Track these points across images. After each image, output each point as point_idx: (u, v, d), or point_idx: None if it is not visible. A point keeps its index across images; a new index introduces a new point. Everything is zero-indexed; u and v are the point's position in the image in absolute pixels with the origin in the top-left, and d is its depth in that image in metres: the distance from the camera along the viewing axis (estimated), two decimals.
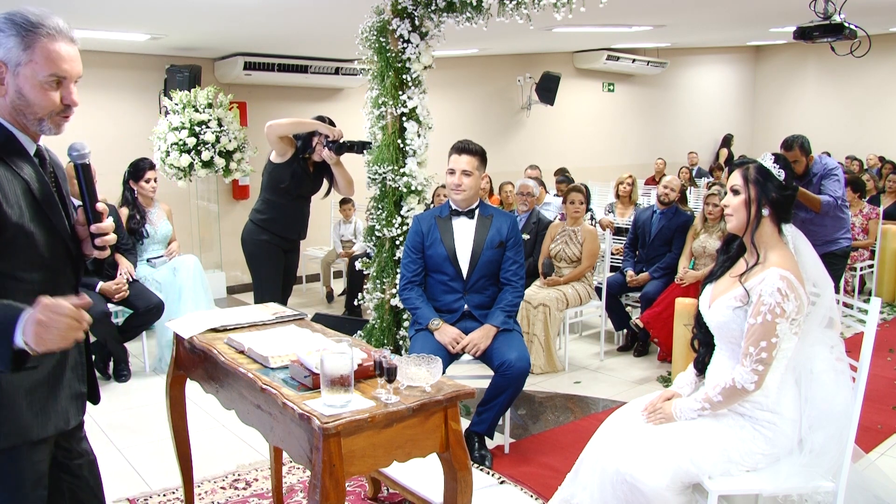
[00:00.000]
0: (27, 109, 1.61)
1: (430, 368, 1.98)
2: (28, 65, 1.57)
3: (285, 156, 4.16)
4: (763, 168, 2.31)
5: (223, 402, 2.35)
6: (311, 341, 2.28)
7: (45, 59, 1.58)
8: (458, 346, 3.33)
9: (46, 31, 1.58)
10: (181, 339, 2.54)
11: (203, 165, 6.02)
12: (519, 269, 3.49)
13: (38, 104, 1.60)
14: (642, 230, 5.32)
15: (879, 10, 7.46)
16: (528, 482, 3.22)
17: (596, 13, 5.04)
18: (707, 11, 7.22)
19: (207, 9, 5.08)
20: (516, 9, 3.71)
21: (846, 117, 11.89)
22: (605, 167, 10.61)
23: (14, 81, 1.58)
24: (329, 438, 1.74)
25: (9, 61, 1.57)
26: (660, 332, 4.83)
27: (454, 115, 8.99)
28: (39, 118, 1.62)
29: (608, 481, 2.27)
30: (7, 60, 1.57)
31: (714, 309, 2.34)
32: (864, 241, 6.48)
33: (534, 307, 4.79)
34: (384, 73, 4.11)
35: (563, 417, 4.09)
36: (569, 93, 10.41)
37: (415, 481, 2.72)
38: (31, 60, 1.57)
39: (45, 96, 1.60)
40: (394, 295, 4.15)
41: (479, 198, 3.57)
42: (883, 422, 3.83)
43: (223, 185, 7.37)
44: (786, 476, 2.21)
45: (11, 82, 1.58)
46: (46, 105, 1.61)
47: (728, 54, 12.81)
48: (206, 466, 3.33)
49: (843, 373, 2.28)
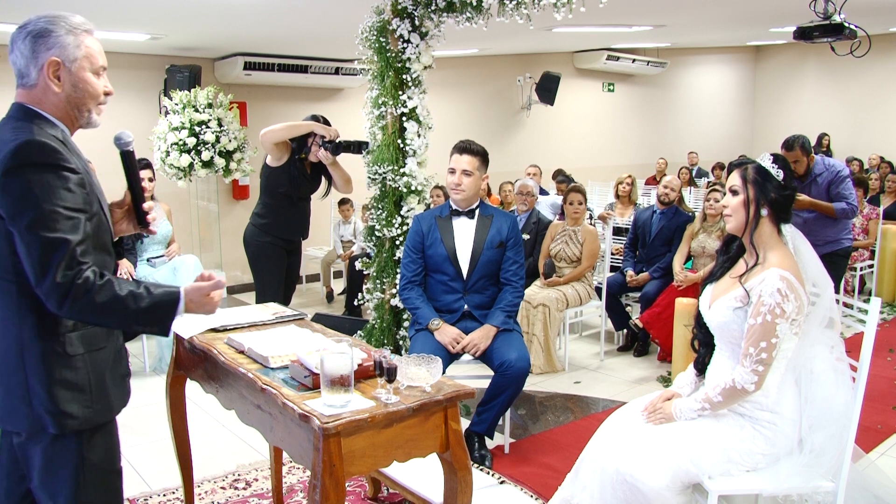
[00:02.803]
0: (80, 102, 1.74)
1: (430, 368, 1.98)
2: (82, 59, 1.72)
3: (281, 159, 4.14)
4: (762, 168, 2.31)
5: (223, 402, 2.35)
6: (311, 341, 2.28)
7: (93, 53, 1.74)
8: (458, 346, 3.33)
9: (85, 28, 1.74)
10: (181, 339, 2.54)
11: (203, 165, 6.01)
12: (519, 269, 3.49)
13: (90, 95, 1.75)
14: (642, 230, 5.32)
15: (879, 10, 7.46)
16: (528, 482, 3.22)
17: (596, 13, 5.05)
18: (707, 11, 7.22)
19: (207, 9, 5.08)
20: (516, 9, 3.71)
21: (846, 117, 11.88)
22: (605, 167, 10.61)
23: (69, 77, 1.71)
24: (329, 438, 1.74)
25: (65, 58, 1.70)
26: (660, 333, 4.83)
27: (454, 115, 8.99)
28: (89, 109, 1.77)
29: (608, 481, 2.27)
30: (63, 58, 1.70)
31: (714, 309, 2.34)
32: (865, 241, 6.48)
33: (534, 307, 4.79)
34: (384, 73, 4.10)
35: (563, 417, 4.09)
36: (569, 93, 10.40)
37: (415, 481, 2.72)
38: (84, 56, 1.72)
39: (95, 87, 1.75)
40: (394, 295, 4.15)
41: (480, 198, 3.58)
42: (883, 422, 3.83)
43: (223, 185, 7.37)
44: (786, 476, 2.21)
45: (67, 78, 1.71)
46: (96, 95, 1.76)
47: (728, 54, 12.81)
48: (206, 466, 3.33)
49: (843, 373, 2.28)
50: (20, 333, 1.66)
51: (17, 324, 1.66)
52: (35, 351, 1.65)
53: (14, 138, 1.61)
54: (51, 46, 1.68)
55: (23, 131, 1.63)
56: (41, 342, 1.66)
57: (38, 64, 1.69)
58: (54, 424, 1.67)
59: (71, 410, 1.68)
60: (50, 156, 1.61)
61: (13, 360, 1.67)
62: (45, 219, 1.57)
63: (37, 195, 1.57)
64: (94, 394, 1.73)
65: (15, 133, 1.63)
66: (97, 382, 1.74)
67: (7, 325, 1.67)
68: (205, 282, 1.82)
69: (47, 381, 1.66)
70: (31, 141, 1.60)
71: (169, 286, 1.76)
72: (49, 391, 1.66)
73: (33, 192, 1.57)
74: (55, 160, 1.61)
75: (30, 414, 1.67)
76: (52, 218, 1.58)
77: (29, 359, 1.66)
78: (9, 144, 1.60)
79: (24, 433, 1.71)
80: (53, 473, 1.71)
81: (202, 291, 1.79)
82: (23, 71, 1.71)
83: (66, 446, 1.70)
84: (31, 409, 1.66)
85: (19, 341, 1.66)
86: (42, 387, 1.66)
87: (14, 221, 1.58)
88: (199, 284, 1.80)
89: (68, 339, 1.68)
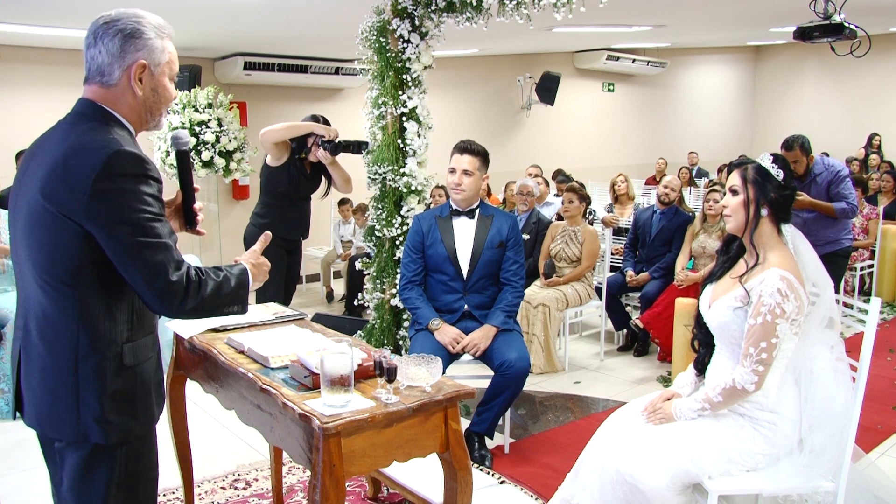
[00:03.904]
0: (155, 106, 1.73)
1: (430, 368, 1.98)
2: (165, 64, 1.71)
3: (281, 159, 4.14)
4: (761, 168, 2.31)
5: (223, 402, 2.35)
6: (311, 341, 2.28)
7: (174, 59, 1.73)
8: (458, 346, 3.33)
9: (167, 32, 1.72)
10: (181, 339, 2.54)
11: (203, 165, 6.02)
12: (519, 269, 3.49)
13: (166, 99, 1.74)
14: (642, 230, 5.32)
15: (879, 10, 7.46)
16: (528, 482, 3.22)
17: (596, 13, 5.05)
18: (707, 11, 7.22)
19: (207, 9, 5.08)
20: (516, 9, 3.71)
21: (846, 117, 11.89)
22: (605, 167, 10.60)
23: (151, 81, 1.69)
24: (329, 438, 1.74)
25: (151, 62, 1.68)
26: (660, 333, 4.83)
27: (454, 115, 8.99)
28: (161, 113, 1.76)
29: (608, 481, 2.27)
30: (150, 61, 1.67)
31: (714, 309, 2.34)
32: (864, 241, 6.48)
33: (533, 307, 4.79)
34: (384, 73, 4.10)
35: (563, 417, 4.09)
36: (569, 93, 10.40)
37: (415, 481, 2.72)
38: (167, 60, 1.71)
39: (171, 93, 1.75)
40: (394, 295, 4.15)
41: (480, 198, 3.58)
42: (883, 422, 3.83)
43: (223, 185, 7.37)
44: (786, 476, 2.21)
45: (149, 82, 1.69)
46: (170, 100, 1.76)
47: (728, 54, 12.81)
48: (206, 466, 3.33)
49: (843, 373, 2.28)
50: (76, 342, 1.62)
51: (75, 331, 1.62)
52: (91, 361, 1.63)
53: (101, 146, 1.58)
54: (140, 48, 1.65)
55: (103, 135, 1.61)
56: (98, 352, 1.63)
57: (124, 64, 1.65)
58: (101, 435, 1.65)
59: (119, 421, 1.66)
60: (140, 166, 1.60)
61: (66, 369, 1.63)
62: (145, 227, 1.57)
63: (134, 205, 1.57)
64: (140, 405, 1.72)
65: (94, 136, 1.60)
66: (143, 393, 1.73)
67: (62, 332, 1.63)
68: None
69: (100, 392, 1.63)
70: (120, 151, 1.58)
71: (230, 265, 1.82)
72: (101, 402, 1.63)
73: (130, 203, 1.56)
74: (144, 170, 1.60)
75: (76, 423, 1.64)
76: (151, 225, 1.58)
77: (83, 368, 1.63)
78: (97, 153, 1.56)
79: (65, 440, 1.68)
80: (88, 481, 1.68)
81: (255, 255, 1.92)
82: (104, 69, 1.66)
83: (105, 456, 1.68)
84: (78, 418, 1.64)
85: (74, 349, 1.62)
86: (94, 397, 1.63)
87: (114, 232, 1.56)
88: (251, 250, 1.92)
89: (124, 350, 1.67)
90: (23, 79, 6.47)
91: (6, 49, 6.30)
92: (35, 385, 1.68)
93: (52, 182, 1.57)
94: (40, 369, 1.66)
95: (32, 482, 3.23)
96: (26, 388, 1.70)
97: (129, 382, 1.69)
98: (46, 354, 1.65)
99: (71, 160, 1.57)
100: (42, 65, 6.47)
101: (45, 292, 1.63)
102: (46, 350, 1.65)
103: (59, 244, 1.59)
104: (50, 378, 1.65)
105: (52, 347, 1.64)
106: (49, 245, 1.60)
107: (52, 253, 1.60)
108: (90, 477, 1.68)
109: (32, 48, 6.45)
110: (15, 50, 6.36)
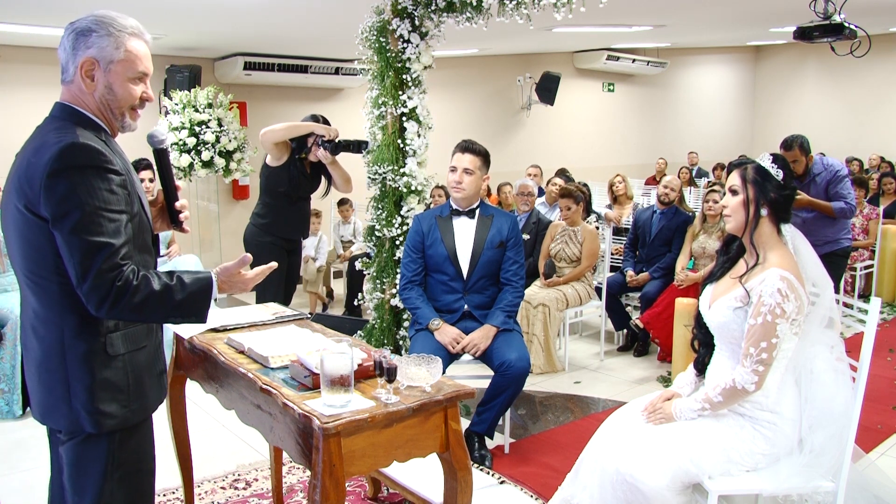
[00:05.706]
0: (114, 104, 1.74)
1: (430, 368, 1.98)
2: (120, 62, 1.71)
3: (281, 159, 4.14)
4: (761, 168, 2.31)
5: (223, 402, 2.35)
6: (311, 341, 2.28)
7: (134, 58, 1.73)
8: (458, 347, 3.33)
9: (131, 31, 1.73)
10: (181, 339, 2.54)
11: (203, 165, 6.02)
12: (519, 269, 3.49)
13: (123, 98, 1.74)
14: (642, 230, 5.32)
15: (879, 10, 7.46)
16: (528, 482, 3.22)
17: (596, 13, 5.05)
18: (707, 11, 7.22)
19: (207, 9, 5.08)
20: (516, 9, 3.71)
21: (846, 117, 11.89)
22: (605, 167, 10.60)
23: (105, 78, 1.71)
24: (329, 438, 1.74)
25: (102, 59, 1.69)
26: (660, 333, 4.83)
27: (454, 115, 8.98)
28: (122, 112, 1.76)
29: (608, 481, 2.27)
30: (100, 58, 1.69)
31: (714, 309, 2.34)
32: (864, 241, 6.48)
33: (533, 307, 4.79)
34: (384, 73, 4.10)
35: (563, 417, 4.09)
36: (569, 93, 10.40)
37: (415, 481, 2.72)
38: (123, 59, 1.71)
39: (130, 91, 1.74)
40: (394, 295, 4.15)
41: (480, 198, 3.58)
42: (883, 422, 3.83)
43: (223, 185, 7.36)
44: (786, 476, 2.21)
45: (102, 78, 1.71)
46: (130, 99, 1.75)
47: (728, 54, 12.81)
48: (206, 466, 3.33)
49: (843, 373, 2.28)
50: (62, 333, 1.67)
51: (59, 323, 1.67)
52: (76, 351, 1.67)
53: (58, 140, 1.61)
54: (91, 45, 1.68)
55: (65, 132, 1.63)
56: (82, 342, 1.67)
57: (76, 61, 1.69)
58: (92, 423, 1.68)
59: (109, 410, 1.70)
60: (93, 158, 1.61)
61: (55, 359, 1.68)
62: (88, 222, 1.58)
63: (80, 198, 1.58)
64: (132, 394, 1.74)
65: (57, 134, 1.63)
66: (136, 382, 1.75)
67: (49, 324, 1.68)
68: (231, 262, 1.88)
69: (87, 381, 1.67)
70: (74, 143, 1.60)
71: (199, 272, 1.78)
72: (89, 391, 1.67)
73: (77, 195, 1.58)
74: (98, 162, 1.62)
75: (69, 412, 1.69)
76: (96, 221, 1.59)
77: (70, 358, 1.67)
78: (53, 147, 1.60)
79: (63, 430, 1.73)
80: (83, 471, 1.72)
81: (230, 271, 1.85)
82: (63, 66, 1.72)
83: (99, 445, 1.72)
84: (70, 408, 1.68)
85: (60, 341, 1.67)
86: (82, 386, 1.67)
87: (58, 223, 1.59)
88: (226, 265, 1.86)
89: (109, 339, 1.70)
90: (23, 79, 6.47)
91: (6, 49, 6.30)
92: (33, 379, 1.74)
93: (20, 182, 1.63)
94: (35, 363, 1.72)
95: (33, 482, 3.23)
96: (28, 382, 1.76)
97: (118, 371, 1.72)
98: (38, 348, 1.70)
99: (32, 158, 1.62)
100: (42, 65, 6.46)
101: (31, 289, 1.70)
102: (38, 344, 1.70)
103: (32, 241, 1.64)
104: (43, 371, 1.70)
105: (42, 341, 1.69)
106: (26, 242, 1.66)
107: (29, 250, 1.66)
108: (84, 466, 1.72)
109: (32, 48, 6.45)
110: (15, 50, 6.37)
